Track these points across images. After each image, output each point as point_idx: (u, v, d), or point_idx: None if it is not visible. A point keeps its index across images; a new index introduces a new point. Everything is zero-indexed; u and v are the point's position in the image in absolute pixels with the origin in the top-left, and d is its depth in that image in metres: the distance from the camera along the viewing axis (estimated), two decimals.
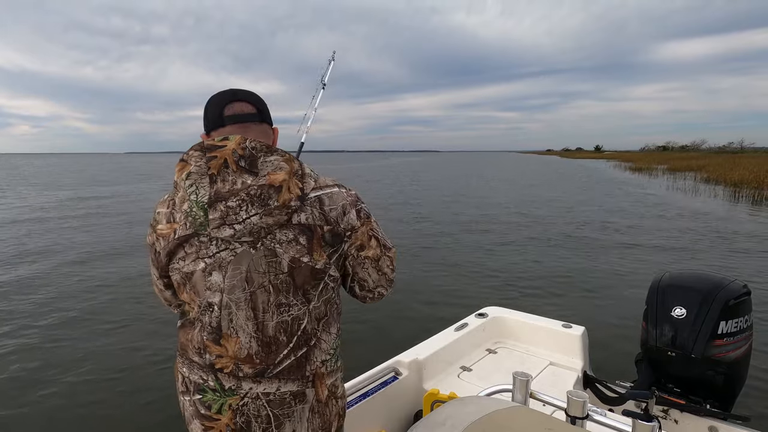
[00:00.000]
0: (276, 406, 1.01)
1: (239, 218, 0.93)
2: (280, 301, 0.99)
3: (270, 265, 0.97)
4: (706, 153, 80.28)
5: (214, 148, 0.95)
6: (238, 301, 0.97)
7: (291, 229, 0.97)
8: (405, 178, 30.97)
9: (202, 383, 1.02)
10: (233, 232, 0.93)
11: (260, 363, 1.00)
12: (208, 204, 0.93)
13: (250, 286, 0.97)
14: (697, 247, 8.46)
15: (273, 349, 1.00)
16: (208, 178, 0.93)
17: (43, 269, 7.19)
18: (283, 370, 1.01)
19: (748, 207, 14.83)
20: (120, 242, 9.35)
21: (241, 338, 0.99)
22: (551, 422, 1.06)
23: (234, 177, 0.93)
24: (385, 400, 2.01)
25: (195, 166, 0.94)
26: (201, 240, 0.97)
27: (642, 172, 37.50)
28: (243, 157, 0.94)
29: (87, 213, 13.92)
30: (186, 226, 0.96)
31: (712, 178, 25.53)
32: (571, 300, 5.61)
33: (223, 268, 0.96)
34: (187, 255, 0.99)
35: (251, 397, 1.00)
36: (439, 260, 7.71)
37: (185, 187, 0.95)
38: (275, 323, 0.99)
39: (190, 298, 1.02)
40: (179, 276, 1.01)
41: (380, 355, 2.26)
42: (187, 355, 1.05)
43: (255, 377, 1.00)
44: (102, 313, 5.26)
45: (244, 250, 0.96)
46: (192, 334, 1.03)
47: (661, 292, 2.18)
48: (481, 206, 15.22)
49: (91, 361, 4.05)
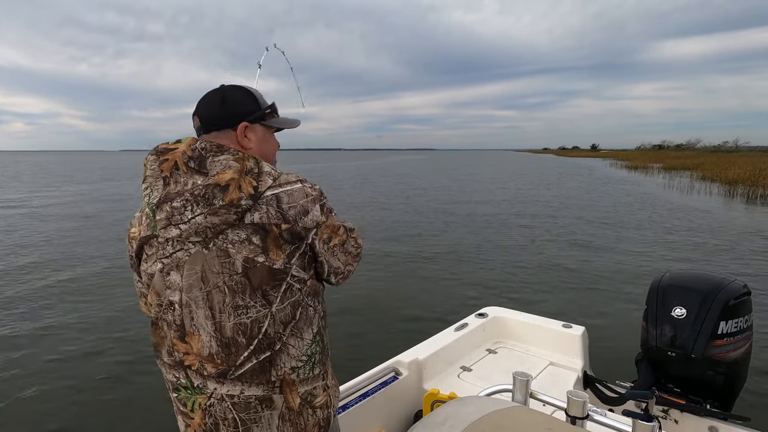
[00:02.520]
0: (241, 410, 1.00)
1: (184, 218, 0.93)
2: (237, 303, 0.97)
3: (224, 266, 0.95)
4: (701, 152, 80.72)
5: (167, 151, 0.97)
6: (196, 300, 0.98)
7: (243, 229, 0.95)
8: (404, 178, 30.95)
9: (175, 381, 1.04)
10: (179, 232, 0.94)
11: (221, 363, 0.99)
12: (156, 205, 0.95)
13: (206, 285, 0.97)
14: (697, 246, 8.51)
15: (233, 350, 0.98)
16: (162, 181, 0.95)
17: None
18: (245, 373, 0.99)
19: (744, 204, 14.91)
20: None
21: (203, 336, 0.99)
22: (551, 422, 1.06)
23: (185, 178, 0.94)
24: (385, 400, 2.01)
25: (150, 169, 0.97)
26: (159, 241, 0.98)
27: (638, 170, 37.64)
28: (192, 158, 0.95)
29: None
30: (146, 227, 0.99)
31: (707, 177, 25.66)
32: (571, 300, 5.62)
33: (180, 268, 0.97)
34: (148, 257, 1.01)
35: (216, 398, 1.00)
36: (439, 260, 7.71)
37: (143, 190, 0.98)
38: (232, 324, 0.97)
39: (154, 298, 1.03)
40: (146, 277, 1.03)
41: (380, 355, 2.26)
42: (160, 356, 1.07)
43: (218, 377, 0.99)
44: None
45: (198, 250, 0.96)
46: (162, 333, 1.05)
47: (661, 292, 2.18)
48: (479, 206, 15.25)
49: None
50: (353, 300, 5.42)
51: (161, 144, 1.00)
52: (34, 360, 4.06)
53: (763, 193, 17.62)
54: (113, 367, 3.94)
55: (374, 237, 9.57)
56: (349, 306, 5.23)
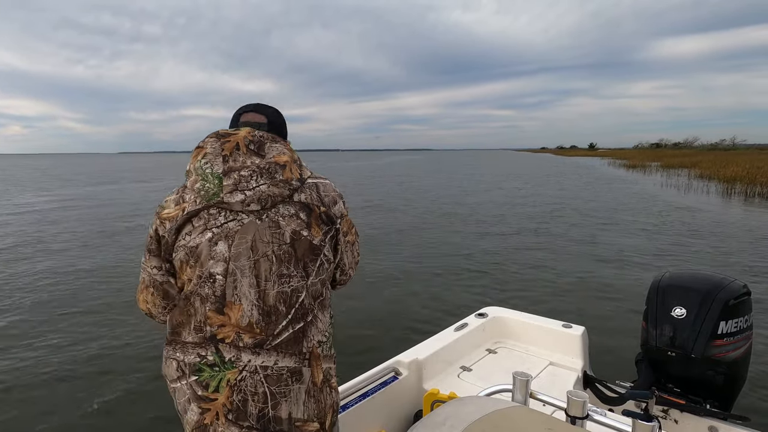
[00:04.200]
0: (273, 383, 1.05)
1: (250, 185, 1.04)
2: (282, 272, 1.06)
3: (274, 236, 1.06)
4: (699, 150, 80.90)
5: (228, 135, 1.09)
6: (242, 268, 1.04)
7: (292, 205, 1.09)
8: (403, 178, 30.95)
9: (199, 361, 1.05)
10: (244, 197, 1.03)
11: (260, 332, 1.05)
12: (222, 173, 1.04)
13: (254, 254, 1.04)
14: (696, 246, 8.51)
15: (273, 319, 1.06)
16: (221, 158, 1.05)
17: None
18: (281, 343, 1.06)
19: (741, 202, 14.95)
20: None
21: (244, 305, 1.04)
22: (551, 422, 1.06)
23: (244, 158, 1.06)
24: (385, 400, 2.01)
25: (210, 147, 1.07)
26: (210, 212, 1.05)
27: (636, 169, 37.70)
28: (252, 142, 1.08)
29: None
30: (196, 202, 1.05)
31: (705, 175, 25.72)
32: (571, 300, 5.62)
33: (230, 238, 1.04)
34: (194, 228, 1.06)
35: (249, 371, 1.04)
36: (439, 260, 7.71)
37: (199, 167, 1.06)
38: (276, 292, 1.06)
39: (192, 272, 1.06)
40: (183, 253, 1.06)
41: (380, 355, 2.26)
42: (180, 339, 1.08)
43: (254, 348, 1.04)
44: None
45: (251, 220, 1.05)
46: (191, 310, 1.07)
47: (661, 292, 2.18)
48: (479, 206, 15.26)
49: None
50: (353, 300, 5.42)
51: (221, 129, 1.12)
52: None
53: (761, 191, 17.67)
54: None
55: (374, 237, 9.57)
56: (349, 306, 5.23)
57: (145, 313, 1.19)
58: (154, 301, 1.15)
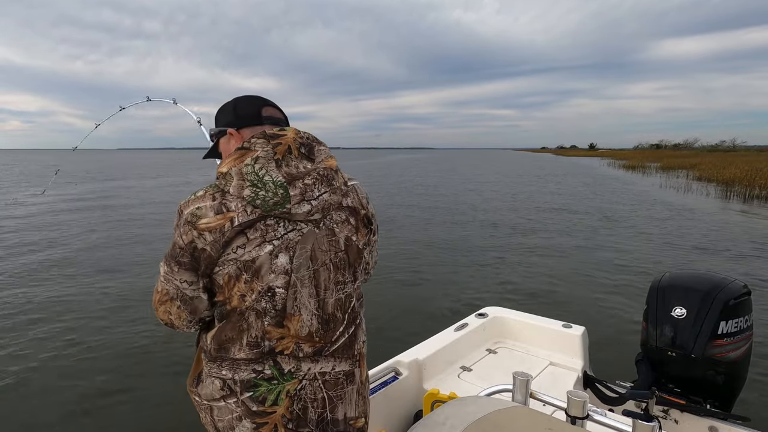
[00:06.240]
0: (331, 387, 1.06)
1: (314, 194, 1.00)
2: (338, 279, 1.06)
3: (331, 244, 1.05)
4: (699, 151, 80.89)
5: (277, 137, 1.02)
6: (303, 279, 1.01)
7: (343, 211, 1.08)
8: (404, 178, 30.95)
9: (254, 377, 0.99)
10: (310, 207, 1.00)
11: (319, 341, 1.04)
12: (287, 182, 0.98)
13: (314, 264, 1.02)
14: (696, 246, 8.52)
15: (331, 326, 1.06)
16: (274, 163, 0.99)
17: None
18: (338, 348, 1.07)
19: (740, 204, 14.95)
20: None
21: (304, 316, 1.02)
22: (551, 422, 1.06)
23: (296, 162, 1.01)
24: (385, 400, 2.01)
25: (262, 151, 0.99)
26: (267, 223, 0.97)
27: (635, 169, 37.68)
28: (303, 145, 1.04)
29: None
30: (247, 212, 0.95)
31: (704, 177, 25.69)
32: (571, 300, 5.62)
33: (291, 249, 0.99)
34: (249, 241, 0.95)
35: (309, 379, 1.03)
36: (439, 260, 7.71)
37: (251, 172, 0.97)
38: (334, 300, 1.06)
39: (249, 287, 0.97)
40: (234, 267, 0.96)
41: (380, 355, 2.25)
42: (228, 355, 1.00)
43: (314, 356, 1.04)
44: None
45: (310, 229, 1.02)
46: (243, 325, 0.99)
47: (662, 292, 2.18)
48: (479, 205, 15.25)
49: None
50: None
51: (268, 130, 1.04)
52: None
53: (759, 194, 17.65)
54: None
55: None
56: None
57: (165, 323, 1.08)
58: (180, 314, 1.04)
